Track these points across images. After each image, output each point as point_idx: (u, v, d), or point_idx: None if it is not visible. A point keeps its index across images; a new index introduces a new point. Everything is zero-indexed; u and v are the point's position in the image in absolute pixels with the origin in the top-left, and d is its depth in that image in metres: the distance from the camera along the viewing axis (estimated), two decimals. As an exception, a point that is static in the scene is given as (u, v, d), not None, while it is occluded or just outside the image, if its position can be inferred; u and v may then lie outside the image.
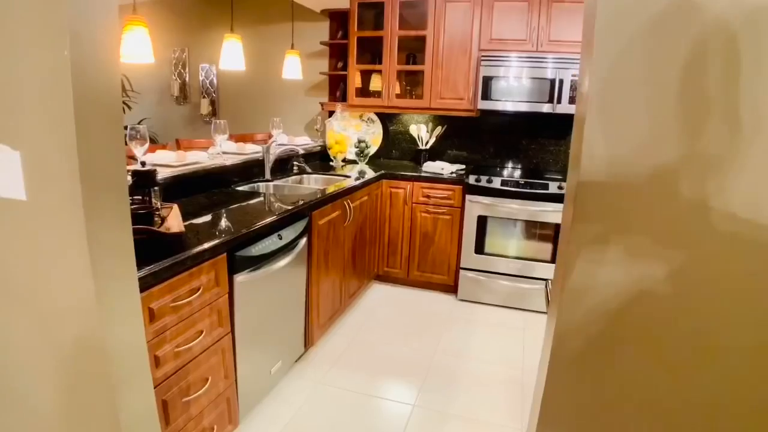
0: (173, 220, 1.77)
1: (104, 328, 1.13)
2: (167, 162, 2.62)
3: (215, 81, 5.05)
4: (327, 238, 2.73)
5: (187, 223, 1.97)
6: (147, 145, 2.37)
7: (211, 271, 1.71)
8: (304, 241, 2.43)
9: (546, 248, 3.46)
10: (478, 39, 3.61)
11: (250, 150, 3.25)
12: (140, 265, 1.41)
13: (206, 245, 1.66)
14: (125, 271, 1.20)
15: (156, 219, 1.75)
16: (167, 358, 1.54)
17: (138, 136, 2.33)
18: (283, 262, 2.19)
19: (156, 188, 1.84)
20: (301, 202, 2.45)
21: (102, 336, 1.13)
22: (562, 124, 3.89)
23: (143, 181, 1.78)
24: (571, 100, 3.43)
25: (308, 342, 2.65)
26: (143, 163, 1.85)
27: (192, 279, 1.60)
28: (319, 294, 2.69)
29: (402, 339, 3.05)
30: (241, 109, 4.99)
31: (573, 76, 3.39)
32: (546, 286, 1.34)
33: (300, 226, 2.38)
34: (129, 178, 1.83)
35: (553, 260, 3.43)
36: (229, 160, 2.88)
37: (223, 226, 1.95)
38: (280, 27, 4.51)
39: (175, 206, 1.96)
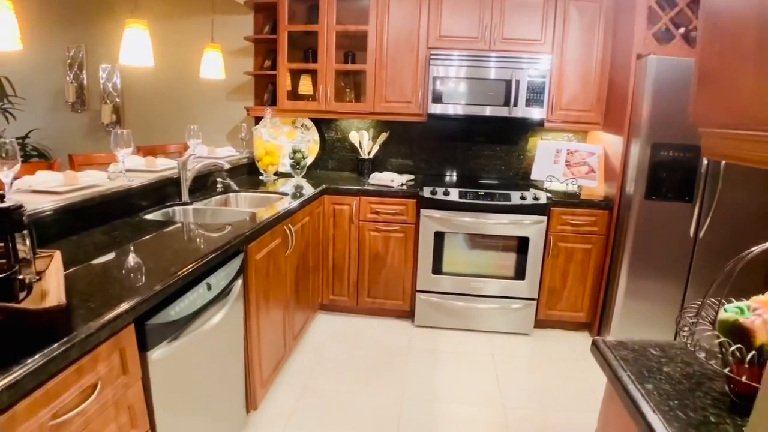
0: (52, 281, 1.22)
1: None
2: (51, 187, 2.00)
3: (119, 84, 4.32)
4: (266, 275, 2.23)
5: (76, 268, 1.42)
6: (18, 166, 1.76)
7: (113, 355, 1.17)
8: (239, 283, 1.91)
9: (509, 264, 3.16)
10: (426, 36, 3.26)
11: (162, 166, 2.66)
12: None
13: (102, 319, 1.13)
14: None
15: (23, 281, 1.19)
16: (45, 501, 1.00)
17: (3, 155, 1.72)
18: (214, 319, 1.67)
19: (24, 232, 1.27)
20: (228, 229, 1.94)
21: None
22: (518, 129, 3.64)
23: (1, 223, 1.21)
24: (528, 103, 3.17)
25: (250, 405, 2.13)
26: (1, 197, 1.29)
27: (83, 375, 1.07)
28: (260, 345, 2.18)
29: (361, 383, 2.60)
30: (151, 117, 4.28)
31: (530, 77, 3.12)
32: (689, 324, 0.94)
33: (234, 266, 1.86)
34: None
35: (517, 276, 3.14)
36: (135, 180, 2.29)
37: (128, 281, 1.40)
38: (197, 20, 3.90)
39: (57, 254, 1.39)
